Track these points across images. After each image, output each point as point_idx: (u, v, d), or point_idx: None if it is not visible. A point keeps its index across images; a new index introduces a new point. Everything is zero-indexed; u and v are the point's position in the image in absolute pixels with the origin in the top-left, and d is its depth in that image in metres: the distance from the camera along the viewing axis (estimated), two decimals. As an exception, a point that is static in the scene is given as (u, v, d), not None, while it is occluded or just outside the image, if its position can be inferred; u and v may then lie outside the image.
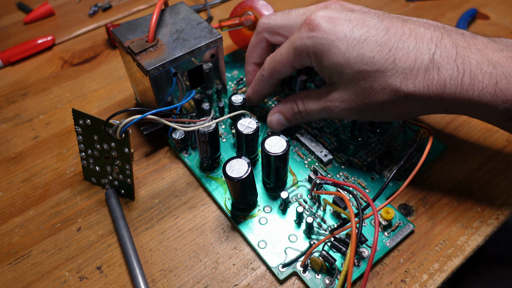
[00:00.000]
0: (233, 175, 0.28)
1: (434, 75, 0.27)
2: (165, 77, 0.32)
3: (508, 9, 0.51)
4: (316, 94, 0.32)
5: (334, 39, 0.28)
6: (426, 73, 0.27)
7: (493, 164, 0.35)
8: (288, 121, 0.34)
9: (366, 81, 0.28)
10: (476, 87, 0.26)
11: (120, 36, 0.33)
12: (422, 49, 0.27)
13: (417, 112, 0.29)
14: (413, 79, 0.27)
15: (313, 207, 0.31)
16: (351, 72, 0.28)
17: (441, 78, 0.26)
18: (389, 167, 0.33)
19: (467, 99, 0.26)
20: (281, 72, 0.33)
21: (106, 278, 0.29)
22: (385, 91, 0.28)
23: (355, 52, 0.28)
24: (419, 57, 0.27)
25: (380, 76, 0.27)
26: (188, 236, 0.31)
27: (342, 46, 0.28)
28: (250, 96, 0.36)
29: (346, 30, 0.28)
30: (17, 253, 0.31)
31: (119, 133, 0.28)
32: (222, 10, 0.53)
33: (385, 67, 0.27)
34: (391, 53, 0.27)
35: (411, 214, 0.32)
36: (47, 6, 0.53)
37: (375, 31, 0.28)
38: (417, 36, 0.27)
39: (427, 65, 0.27)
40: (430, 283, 0.28)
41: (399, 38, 0.27)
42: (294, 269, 0.29)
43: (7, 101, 0.43)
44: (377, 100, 0.29)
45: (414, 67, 0.27)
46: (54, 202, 0.34)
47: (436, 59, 0.26)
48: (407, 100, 0.28)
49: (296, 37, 0.30)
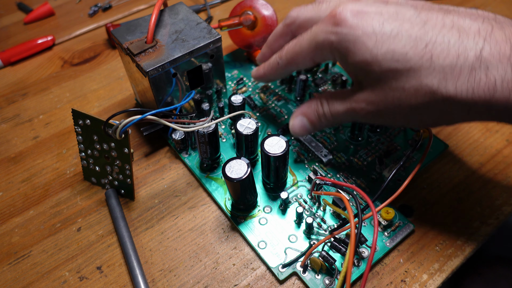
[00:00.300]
0: (232, 176, 0.28)
1: (482, 75, 0.22)
2: (164, 77, 0.32)
3: (508, 9, 0.50)
4: (341, 94, 0.29)
5: (360, 35, 0.25)
6: (471, 73, 0.22)
7: (493, 164, 0.35)
8: (313, 125, 0.31)
9: (397, 80, 0.24)
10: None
11: (119, 37, 0.33)
12: (467, 44, 0.23)
13: (458, 119, 0.25)
14: (455, 79, 0.23)
15: (313, 207, 0.31)
16: (379, 70, 0.25)
17: (490, 80, 0.22)
18: (389, 167, 0.33)
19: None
20: (299, 64, 0.30)
21: (106, 278, 0.29)
22: (419, 93, 0.24)
23: (385, 48, 0.24)
24: (463, 53, 0.23)
25: (413, 75, 0.24)
26: (188, 236, 0.31)
27: (369, 42, 0.25)
28: (260, 76, 0.34)
29: (376, 24, 0.24)
30: (17, 253, 0.31)
31: (119, 133, 0.28)
32: (222, 10, 0.53)
33: (419, 64, 0.23)
34: (428, 48, 0.23)
35: (411, 214, 0.32)
36: (47, 6, 0.53)
37: (409, 24, 0.24)
38: (461, 28, 0.23)
39: (473, 63, 0.22)
40: (430, 283, 0.28)
41: (438, 31, 0.23)
42: (294, 269, 0.29)
43: (7, 101, 0.43)
44: (410, 104, 0.25)
45: (456, 65, 0.23)
46: (54, 202, 0.34)
47: (485, 56, 0.22)
48: (446, 105, 0.24)
49: (319, 31, 0.27)
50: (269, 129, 0.37)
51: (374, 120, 0.28)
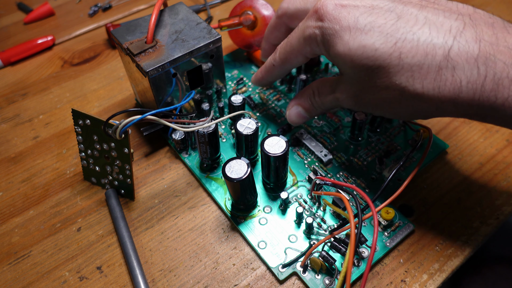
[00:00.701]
0: (232, 176, 0.28)
1: (448, 75, 0.23)
2: (164, 78, 0.32)
3: (508, 9, 0.50)
4: (328, 83, 0.30)
5: (338, 29, 0.25)
6: (438, 73, 0.23)
7: (493, 164, 0.35)
8: (308, 112, 0.32)
9: (369, 76, 0.25)
10: (501, 95, 0.22)
11: (119, 37, 0.33)
12: (436, 42, 0.23)
13: (430, 114, 0.26)
14: (422, 78, 0.23)
15: (313, 208, 0.31)
16: (352, 65, 0.25)
17: (456, 80, 0.22)
18: (389, 167, 0.33)
19: (488, 106, 0.22)
20: (292, 62, 0.31)
21: (106, 278, 0.29)
22: (389, 89, 0.25)
23: (357, 43, 0.25)
24: (431, 52, 0.23)
25: (383, 73, 0.24)
26: (188, 236, 0.31)
27: (345, 37, 0.25)
28: (259, 80, 0.35)
29: (351, 18, 0.25)
30: (17, 253, 0.31)
31: (119, 133, 0.28)
32: (222, 10, 0.53)
33: (388, 62, 0.24)
34: (397, 46, 0.23)
35: (411, 214, 0.32)
36: (47, 6, 0.53)
37: (383, 19, 0.24)
38: (432, 26, 0.23)
39: (440, 63, 0.23)
40: (430, 283, 0.28)
41: (410, 28, 0.24)
42: (294, 269, 0.29)
43: (7, 101, 0.43)
44: (382, 98, 0.26)
45: (423, 64, 0.23)
46: (54, 202, 0.34)
47: (452, 56, 0.22)
48: (415, 101, 0.24)
49: (305, 26, 0.28)
50: (269, 129, 0.37)
51: (355, 108, 0.29)
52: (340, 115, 0.38)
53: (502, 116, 0.23)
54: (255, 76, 0.36)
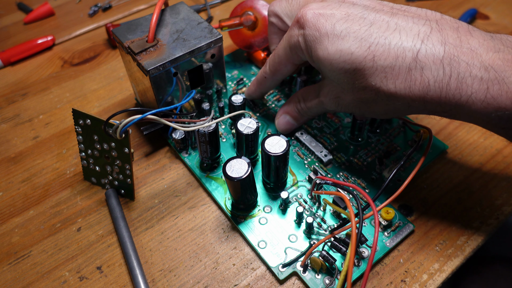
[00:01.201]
0: (233, 175, 0.28)
1: (417, 75, 0.24)
2: (165, 77, 0.32)
3: (508, 9, 0.51)
4: (313, 89, 0.32)
5: (318, 36, 0.27)
6: (408, 73, 0.25)
7: (493, 164, 0.35)
8: (296, 120, 0.34)
9: (348, 79, 0.27)
10: (464, 92, 0.24)
11: (120, 36, 0.33)
12: (406, 45, 0.25)
13: (403, 112, 0.28)
14: (394, 79, 0.25)
15: (313, 207, 0.31)
16: (332, 69, 0.27)
17: (424, 80, 0.24)
18: (389, 167, 0.33)
19: (454, 104, 0.24)
20: (283, 72, 0.33)
21: (106, 278, 0.29)
22: (366, 90, 0.27)
23: (334, 48, 0.26)
24: (401, 55, 0.25)
25: (360, 75, 0.26)
26: (188, 236, 0.31)
27: (324, 42, 0.27)
28: (251, 94, 0.37)
29: (328, 25, 0.27)
30: (17, 253, 0.31)
31: (119, 133, 0.28)
32: (222, 10, 0.53)
33: (363, 65, 0.26)
34: (370, 50, 0.25)
35: (411, 214, 0.32)
36: (47, 6, 0.53)
37: (357, 26, 0.26)
38: (402, 31, 0.25)
39: (410, 64, 0.25)
40: (430, 283, 0.28)
41: (382, 33, 0.26)
42: (294, 269, 0.29)
43: (7, 101, 0.43)
44: (360, 98, 0.28)
45: (395, 66, 0.25)
46: (54, 202, 0.34)
47: (420, 58, 0.24)
48: (389, 100, 0.26)
49: (289, 35, 0.30)
50: (269, 129, 0.37)
51: (338, 110, 0.31)
52: (340, 116, 0.38)
53: (467, 112, 0.25)
54: (248, 89, 0.37)
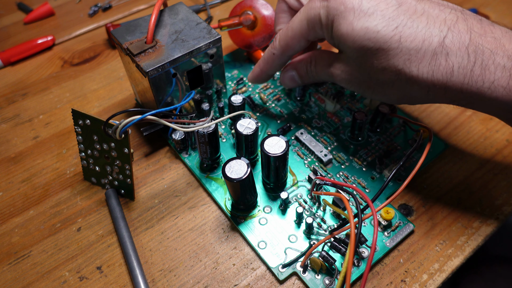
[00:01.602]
0: (232, 176, 0.28)
1: (442, 60, 0.25)
2: (164, 78, 0.32)
3: (508, 9, 0.50)
4: (328, 56, 0.31)
5: (343, 10, 0.27)
6: (433, 58, 0.25)
7: (493, 164, 0.35)
8: (301, 78, 0.34)
9: (367, 57, 0.27)
10: (487, 79, 0.24)
11: (119, 37, 0.33)
12: (433, 30, 0.25)
13: (418, 99, 0.28)
14: (418, 62, 0.25)
15: (313, 208, 0.31)
16: (353, 46, 0.27)
17: (449, 65, 0.25)
18: (389, 167, 0.33)
19: (475, 90, 0.25)
20: (294, 48, 0.32)
21: (106, 278, 0.29)
22: (386, 71, 0.26)
23: (360, 24, 0.26)
24: (428, 39, 0.25)
25: (382, 55, 0.26)
26: (188, 236, 0.31)
27: (349, 17, 0.27)
28: (257, 76, 0.35)
29: (355, 1, 0.27)
30: (17, 253, 0.31)
31: (119, 133, 0.28)
32: (222, 10, 0.53)
33: (388, 45, 0.25)
34: (398, 30, 0.25)
35: (411, 214, 0.32)
36: (47, 6, 0.53)
37: (385, 5, 0.26)
38: (430, 16, 0.26)
39: (436, 49, 0.25)
40: (430, 283, 0.28)
41: (409, 16, 0.26)
42: (294, 269, 0.29)
43: (7, 101, 0.43)
44: (377, 79, 0.28)
45: (420, 49, 0.25)
46: (54, 202, 0.34)
47: (447, 43, 0.25)
48: (409, 84, 0.26)
49: (309, 7, 0.29)
50: (269, 129, 0.37)
51: (347, 87, 0.31)
52: (340, 115, 0.38)
53: (488, 99, 0.25)
54: (252, 72, 0.36)
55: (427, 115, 0.39)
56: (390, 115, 0.35)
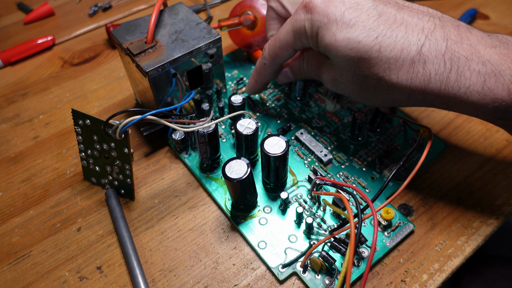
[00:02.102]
0: (232, 176, 0.28)
1: (420, 68, 0.26)
2: (164, 78, 0.32)
3: (508, 9, 0.50)
4: (317, 57, 0.32)
5: (326, 22, 0.28)
6: (411, 66, 0.26)
7: (493, 164, 0.35)
8: (294, 74, 0.35)
9: (350, 66, 0.28)
10: (463, 84, 0.25)
11: (119, 37, 0.33)
12: (411, 39, 0.26)
13: (400, 102, 0.29)
14: (397, 70, 0.26)
15: (313, 208, 0.31)
16: (337, 55, 0.28)
17: (426, 72, 0.26)
18: (389, 167, 0.33)
19: (452, 96, 0.26)
20: (283, 57, 0.33)
21: (106, 278, 0.29)
22: (367, 78, 0.28)
23: (342, 35, 0.27)
24: (406, 48, 0.26)
25: (364, 64, 0.27)
26: (188, 236, 0.31)
27: (332, 28, 0.28)
28: (253, 85, 0.37)
29: (338, 12, 0.28)
30: (17, 253, 0.31)
31: (119, 133, 0.28)
32: (222, 10, 0.53)
33: (369, 54, 0.27)
34: (377, 40, 0.26)
35: (411, 214, 0.32)
36: (47, 6, 0.53)
37: (366, 16, 0.27)
38: (408, 25, 0.27)
39: (414, 57, 0.26)
40: (430, 283, 0.28)
41: (389, 26, 0.27)
42: (294, 269, 0.29)
43: (7, 101, 0.43)
44: (360, 85, 0.29)
45: (399, 58, 0.26)
46: (54, 202, 0.34)
47: (424, 52, 0.26)
48: (390, 90, 0.28)
49: (295, 19, 0.30)
50: (269, 129, 0.37)
51: (332, 89, 0.32)
52: (340, 115, 0.38)
53: (465, 103, 0.26)
54: (248, 85, 0.37)
55: (427, 115, 0.39)
56: (390, 115, 0.35)
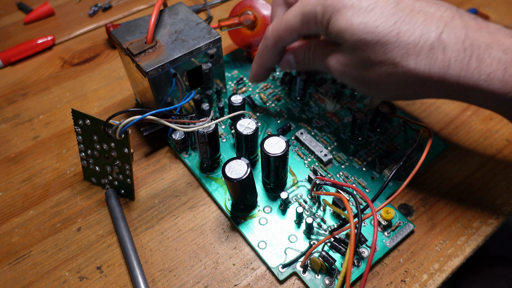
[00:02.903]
0: (232, 176, 0.28)
1: (439, 54, 0.25)
2: (164, 78, 0.32)
3: (508, 9, 0.50)
4: (325, 46, 0.31)
5: (341, 7, 0.27)
6: (430, 51, 0.25)
7: (493, 164, 0.35)
8: (297, 63, 0.34)
9: (365, 51, 0.27)
10: (483, 71, 0.25)
11: (119, 37, 0.33)
12: (430, 26, 0.26)
13: (414, 93, 0.28)
14: (415, 56, 0.26)
15: (313, 208, 0.31)
16: (351, 39, 0.27)
17: (445, 58, 0.25)
18: (389, 167, 0.33)
19: (472, 83, 0.25)
20: (286, 40, 0.32)
21: (106, 278, 0.29)
22: (382, 64, 0.27)
23: (359, 20, 0.27)
24: (425, 34, 0.26)
25: (380, 48, 0.26)
26: (188, 236, 0.31)
27: (347, 14, 0.27)
28: (255, 70, 0.35)
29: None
30: (17, 253, 0.31)
31: (119, 133, 0.28)
32: (222, 10, 0.53)
33: (387, 39, 0.26)
34: (396, 25, 0.26)
35: (411, 214, 0.32)
36: (47, 6, 0.53)
37: (384, 3, 0.27)
38: (427, 13, 0.26)
39: (433, 43, 0.25)
40: (430, 283, 0.28)
41: (407, 13, 0.26)
42: (294, 269, 0.29)
43: (7, 101, 0.43)
44: (374, 73, 0.28)
45: (418, 43, 0.26)
46: (54, 202, 0.34)
47: (444, 38, 0.25)
48: (405, 78, 0.27)
49: (305, 3, 0.30)
50: (269, 129, 0.37)
51: (341, 80, 0.31)
52: (340, 115, 0.38)
53: (484, 92, 0.25)
54: (251, 72, 0.36)
55: (427, 115, 0.39)
56: (390, 115, 0.35)
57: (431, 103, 0.40)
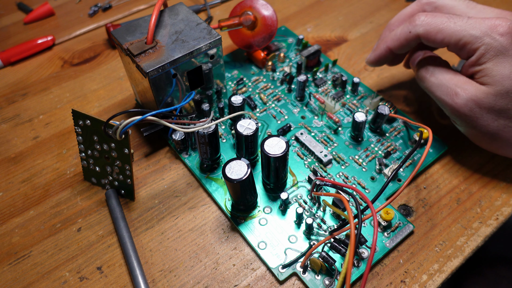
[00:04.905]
0: (232, 177, 0.28)
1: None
2: (164, 78, 0.32)
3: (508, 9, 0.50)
4: (447, 69, 0.31)
5: (510, 55, 0.28)
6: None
7: (493, 164, 0.35)
8: (421, 81, 0.33)
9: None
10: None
11: (119, 38, 0.33)
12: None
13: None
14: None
15: (313, 208, 0.32)
16: (510, 85, 0.28)
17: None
18: (389, 167, 0.33)
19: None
20: (436, 43, 0.31)
21: (106, 279, 0.29)
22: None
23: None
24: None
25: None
26: (188, 236, 0.31)
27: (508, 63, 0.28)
28: (381, 54, 0.34)
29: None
30: (17, 253, 0.31)
31: (119, 134, 0.28)
32: (222, 10, 0.53)
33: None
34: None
35: (411, 214, 0.32)
36: (47, 6, 0.53)
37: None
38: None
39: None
40: (430, 283, 0.28)
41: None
42: (294, 270, 0.29)
43: (7, 101, 0.43)
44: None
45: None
46: (54, 202, 0.34)
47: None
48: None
49: (481, 34, 0.29)
50: (269, 130, 0.37)
51: (457, 115, 0.31)
52: (340, 115, 0.38)
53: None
54: (374, 52, 0.35)
55: (427, 116, 0.39)
56: (390, 115, 0.35)
57: (431, 103, 0.40)
